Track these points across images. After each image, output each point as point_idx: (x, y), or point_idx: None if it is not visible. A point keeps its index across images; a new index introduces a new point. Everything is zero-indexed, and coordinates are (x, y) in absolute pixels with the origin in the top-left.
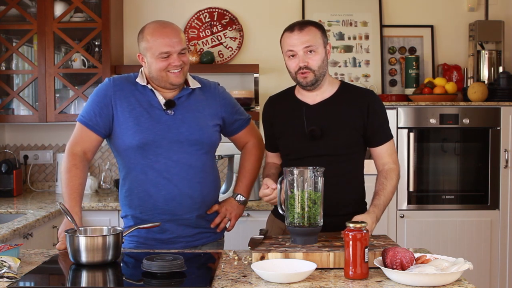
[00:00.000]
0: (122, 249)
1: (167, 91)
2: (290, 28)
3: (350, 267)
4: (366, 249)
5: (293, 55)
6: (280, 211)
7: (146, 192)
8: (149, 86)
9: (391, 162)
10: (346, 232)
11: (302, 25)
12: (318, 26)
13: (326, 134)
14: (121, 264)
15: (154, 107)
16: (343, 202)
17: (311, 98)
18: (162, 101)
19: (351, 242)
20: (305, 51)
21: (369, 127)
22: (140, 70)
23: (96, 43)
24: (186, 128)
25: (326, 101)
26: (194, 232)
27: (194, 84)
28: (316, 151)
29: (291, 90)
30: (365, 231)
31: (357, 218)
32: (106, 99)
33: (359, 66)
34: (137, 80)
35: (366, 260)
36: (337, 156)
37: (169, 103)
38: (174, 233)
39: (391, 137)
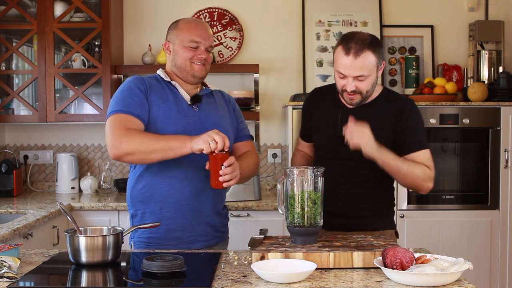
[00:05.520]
0: (138, 250)
1: (189, 88)
2: (346, 49)
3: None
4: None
5: (342, 77)
6: (280, 211)
7: (171, 186)
8: (173, 82)
9: (426, 166)
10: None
11: (358, 50)
12: (375, 49)
13: None
14: (121, 264)
15: (181, 101)
16: (368, 205)
17: None
18: (186, 96)
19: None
20: (355, 78)
21: (398, 132)
22: (158, 71)
23: (96, 43)
24: (211, 124)
25: (365, 106)
26: (211, 231)
27: (212, 86)
28: (346, 154)
29: (335, 87)
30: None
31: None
32: (142, 93)
33: None
34: (162, 76)
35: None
36: (366, 162)
37: (196, 98)
38: (194, 231)
39: (424, 147)
